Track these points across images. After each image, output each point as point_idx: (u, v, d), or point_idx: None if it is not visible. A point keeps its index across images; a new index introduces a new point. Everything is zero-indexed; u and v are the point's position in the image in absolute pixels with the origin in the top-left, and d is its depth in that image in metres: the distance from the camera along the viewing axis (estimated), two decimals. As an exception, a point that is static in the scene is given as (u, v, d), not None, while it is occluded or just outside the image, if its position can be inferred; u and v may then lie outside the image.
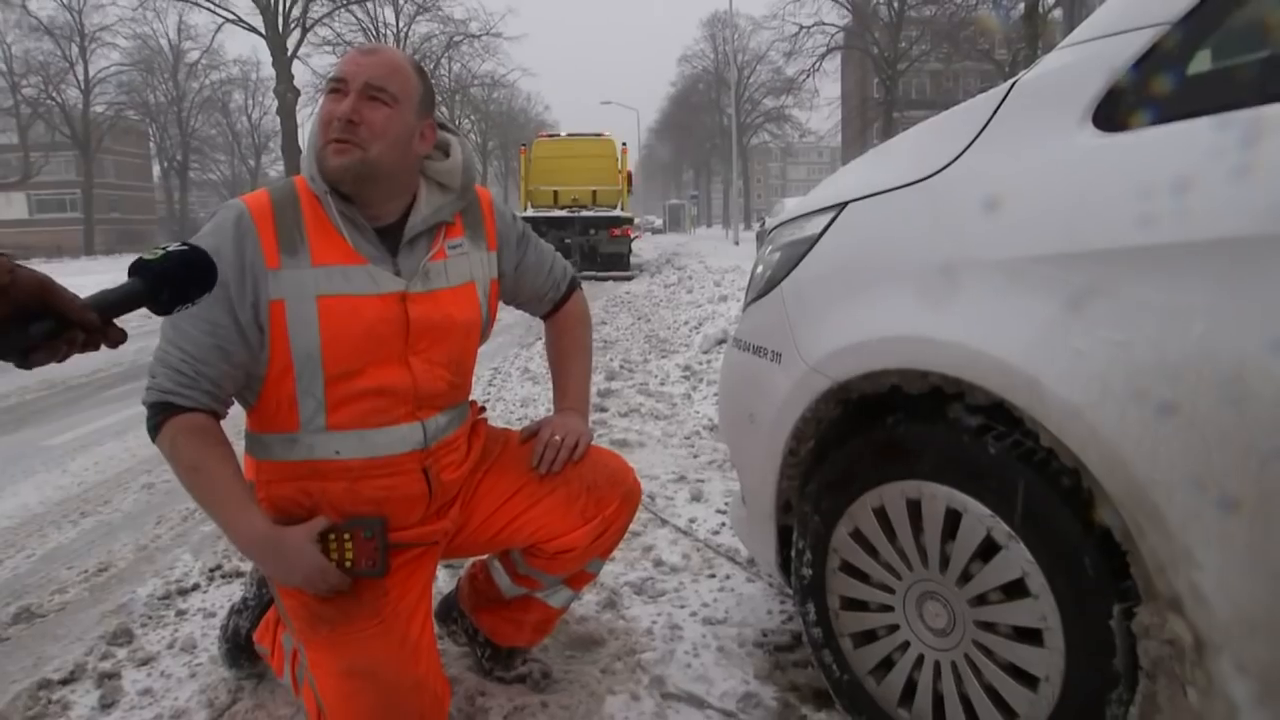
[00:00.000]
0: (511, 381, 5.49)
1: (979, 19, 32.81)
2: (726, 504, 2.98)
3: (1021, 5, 30.55)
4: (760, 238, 22.12)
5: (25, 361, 0.88)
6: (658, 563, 2.47)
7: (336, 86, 1.44)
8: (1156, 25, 1.16)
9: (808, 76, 38.37)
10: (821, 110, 46.60)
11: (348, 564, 1.46)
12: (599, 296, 11.68)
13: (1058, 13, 33.18)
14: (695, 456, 3.65)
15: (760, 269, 1.86)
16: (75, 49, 43.60)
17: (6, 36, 42.81)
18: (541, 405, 4.72)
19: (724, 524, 2.79)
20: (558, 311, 1.88)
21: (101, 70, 45.24)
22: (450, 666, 1.89)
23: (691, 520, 2.83)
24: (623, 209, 16.66)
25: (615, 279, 14.90)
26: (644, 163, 69.46)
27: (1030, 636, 1.30)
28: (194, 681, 1.93)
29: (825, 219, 1.63)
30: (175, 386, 1.41)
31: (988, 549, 1.34)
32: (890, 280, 1.45)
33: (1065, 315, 1.18)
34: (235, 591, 2.41)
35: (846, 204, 1.58)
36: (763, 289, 1.79)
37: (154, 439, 1.43)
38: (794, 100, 42.27)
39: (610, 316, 9.33)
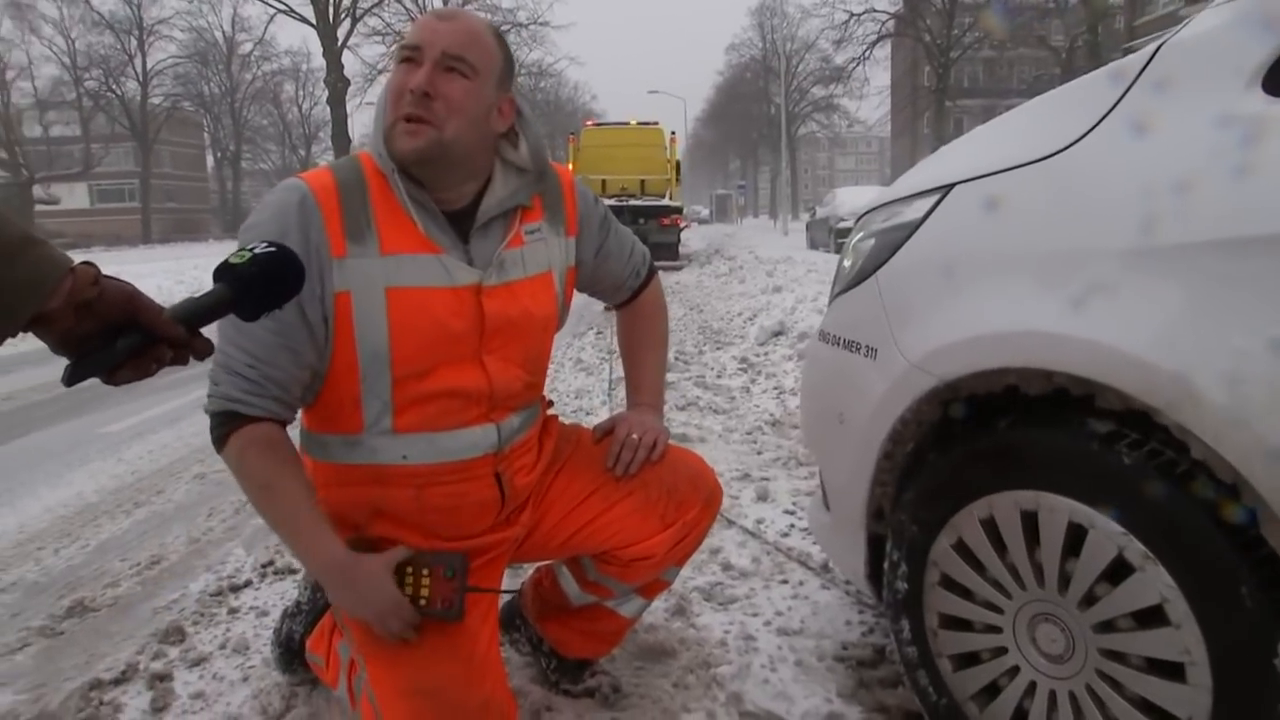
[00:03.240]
0: (564, 372, 5.40)
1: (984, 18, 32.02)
2: (794, 504, 2.85)
3: (1081, -11, 29.71)
4: (810, 227, 21.92)
5: (111, 378, 0.82)
6: (726, 566, 2.35)
7: (409, 55, 1.30)
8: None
9: (857, 65, 37.79)
10: (871, 99, 45.79)
11: (421, 601, 1.35)
12: (649, 286, 11.55)
13: (1119, -4, 32.31)
14: (759, 453, 3.52)
15: (849, 258, 1.72)
16: (134, 42, 44.71)
17: (70, 31, 43.97)
18: (595, 397, 4.63)
19: (793, 525, 2.66)
20: (634, 300, 1.75)
21: (159, 63, 46.35)
22: (514, 677, 1.79)
23: (759, 521, 2.70)
24: (671, 198, 16.51)
25: (665, 268, 14.77)
26: (691, 152, 69.06)
27: (1169, 670, 1.16)
28: (246, 686, 1.86)
29: (928, 203, 1.49)
30: (241, 394, 1.28)
31: (1118, 570, 1.20)
32: (1008, 269, 1.30)
33: (1225, 310, 1.04)
34: (287, 589, 2.35)
35: (953, 186, 1.44)
36: (853, 279, 1.65)
37: (219, 450, 1.31)
38: (843, 89, 41.68)
39: (661, 307, 9.20)
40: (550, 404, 1.67)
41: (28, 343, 0.81)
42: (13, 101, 45.26)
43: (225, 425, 1.29)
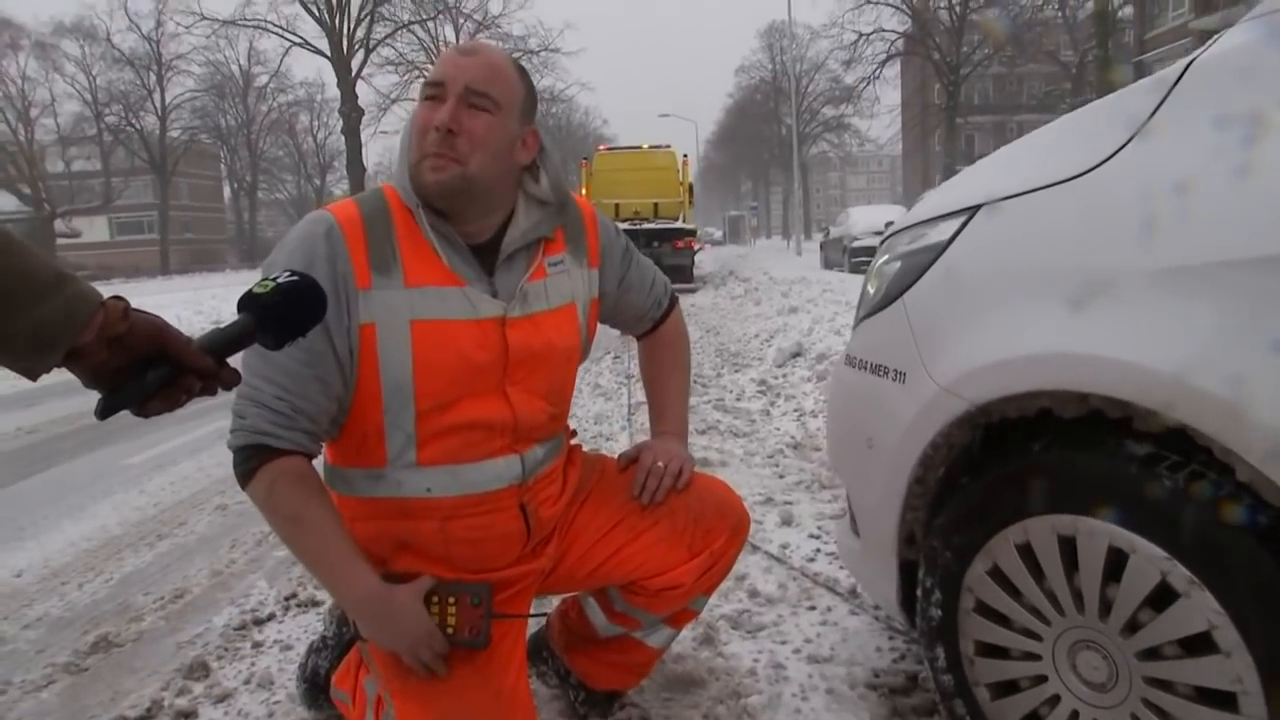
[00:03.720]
0: (582, 397, 5.38)
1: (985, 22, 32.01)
2: (819, 528, 2.82)
3: (1089, 4, 29.72)
4: (824, 247, 21.90)
5: (142, 410, 0.84)
6: (753, 593, 2.32)
7: (434, 93, 1.31)
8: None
9: (867, 84, 37.82)
10: (881, 118, 45.81)
11: (449, 630, 1.34)
12: (664, 309, 11.54)
13: (1128, 10, 32.32)
14: (781, 477, 3.49)
15: (874, 282, 1.70)
16: (153, 78, 45.35)
17: (92, 69, 44.76)
18: (615, 422, 4.61)
19: (819, 550, 2.63)
20: (656, 329, 1.74)
21: (177, 97, 46.99)
22: (542, 710, 1.77)
23: (784, 546, 2.67)
24: (685, 221, 16.56)
25: (680, 291, 14.70)
26: (703, 174, 69.34)
27: (1220, 700, 1.13)
28: (273, 722, 1.84)
29: (954, 225, 1.47)
30: (270, 426, 1.27)
31: (1162, 595, 1.17)
32: (1039, 291, 1.28)
33: (1266, 328, 1.01)
34: (311, 622, 2.33)
35: (979, 207, 1.43)
36: (879, 303, 1.63)
37: (245, 484, 1.30)
38: (853, 109, 41.71)
39: (677, 330, 9.18)
40: (574, 434, 1.66)
41: (51, 375, 0.81)
42: (36, 138, 46.05)
43: (253, 459, 1.28)
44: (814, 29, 43.68)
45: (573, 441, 1.65)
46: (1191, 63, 1.18)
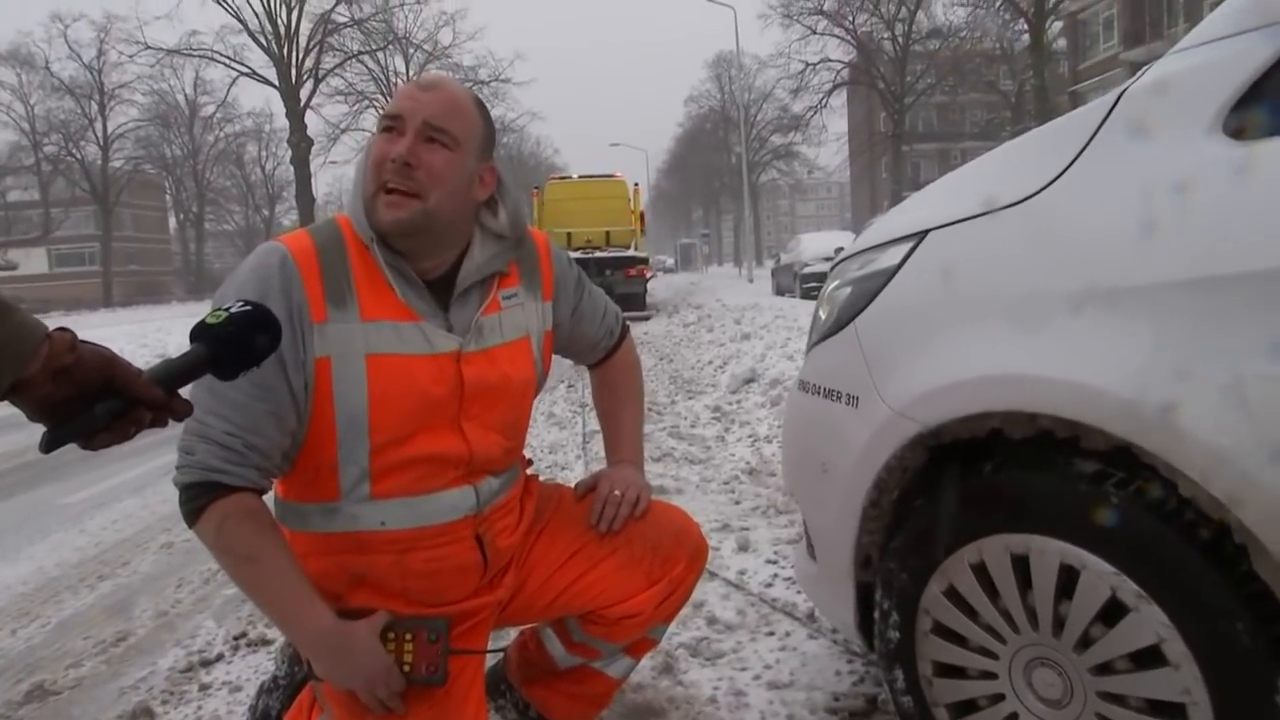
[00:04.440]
0: (537, 427, 5.34)
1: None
2: (776, 553, 2.83)
3: (1026, 36, 30.71)
4: (775, 274, 22.14)
5: (90, 444, 0.81)
6: (711, 620, 2.31)
7: (391, 125, 1.29)
8: (1300, 20, 1.03)
9: (815, 113, 38.45)
10: (829, 146, 46.44)
11: (405, 668, 1.31)
12: (617, 337, 11.55)
13: (1062, 42, 33.48)
14: (737, 503, 3.50)
15: (825, 308, 1.73)
16: (95, 107, 44.47)
17: (30, 97, 43.78)
18: (570, 451, 4.59)
19: (776, 575, 2.63)
20: (609, 359, 1.73)
21: (120, 126, 46.09)
22: (501, 745, 1.74)
23: (741, 572, 2.67)
24: (637, 249, 16.64)
25: (632, 319, 14.74)
26: (654, 202, 69.83)
27: (1170, 712, 1.15)
28: (222, 766, 1.78)
29: (903, 250, 1.50)
30: (221, 463, 1.23)
31: (1112, 610, 1.19)
32: (986, 313, 1.31)
33: (1205, 348, 1.05)
34: (261, 662, 2.27)
35: (927, 233, 1.46)
36: (831, 328, 1.65)
37: (193, 523, 1.25)
38: (802, 137, 42.35)
39: (631, 357, 9.17)
40: (529, 463, 1.65)
41: None
42: (-31, 168, 44.87)
43: (200, 497, 1.24)
44: (761, 59, 44.20)
45: (529, 471, 1.64)
46: (1124, 91, 1.22)
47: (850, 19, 36.39)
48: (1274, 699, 1.05)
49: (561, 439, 4.93)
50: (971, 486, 1.37)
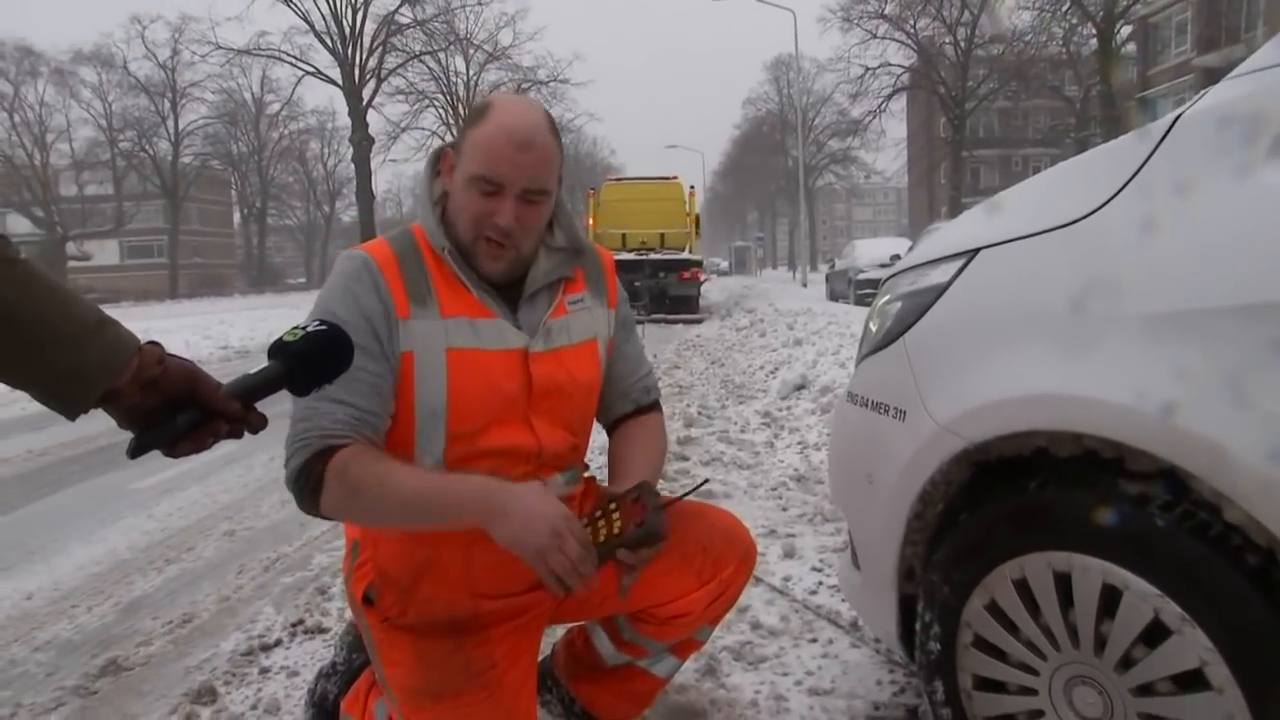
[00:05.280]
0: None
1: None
2: (822, 561, 2.84)
3: (1093, 41, 30.00)
4: (830, 279, 21.97)
5: (172, 451, 0.88)
6: (755, 625, 2.34)
7: (493, 190, 1.35)
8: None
9: (873, 118, 38.04)
10: (888, 151, 45.98)
11: (616, 531, 1.32)
12: (670, 340, 11.62)
13: (1131, 46, 32.60)
14: (784, 509, 3.52)
15: (875, 321, 1.75)
16: (168, 105, 45.99)
17: (108, 95, 45.39)
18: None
19: (821, 583, 2.65)
20: (638, 415, 1.66)
21: (190, 123, 47.68)
22: (546, 739, 1.79)
23: (786, 579, 2.69)
24: (691, 251, 16.64)
25: (685, 322, 14.82)
26: (709, 204, 69.71)
27: (1212, 736, 1.15)
28: (279, 746, 1.86)
29: (954, 267, 1.51)
30: (336, 427, 1.28)
31: (1155, 632, 1.20)
32: (1035, 333, 1.32)
33: (1252, 374, 1.05)
34: (318, 649, 2.36)
35: (979, 250, 1.47)
36: (880, 341, 1.67)
37: (316, 500, 1.28)
38: (860, 142, 41.98)
39: (683, 361, 9.21)
40: (586, 467, 1.70)
41: None
42: (51, 163, 46.62)
43: (317, 465, 1.27)
44: (820, 63, 43.66)
45: (586, 475, 1.69)
46: (1179, 117, 1.23)
47: (911, 23, 35.96)
48: (1318, 727, 1.05)
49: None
50: (1015, 503, 1.38)
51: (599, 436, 1.71)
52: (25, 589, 3.10)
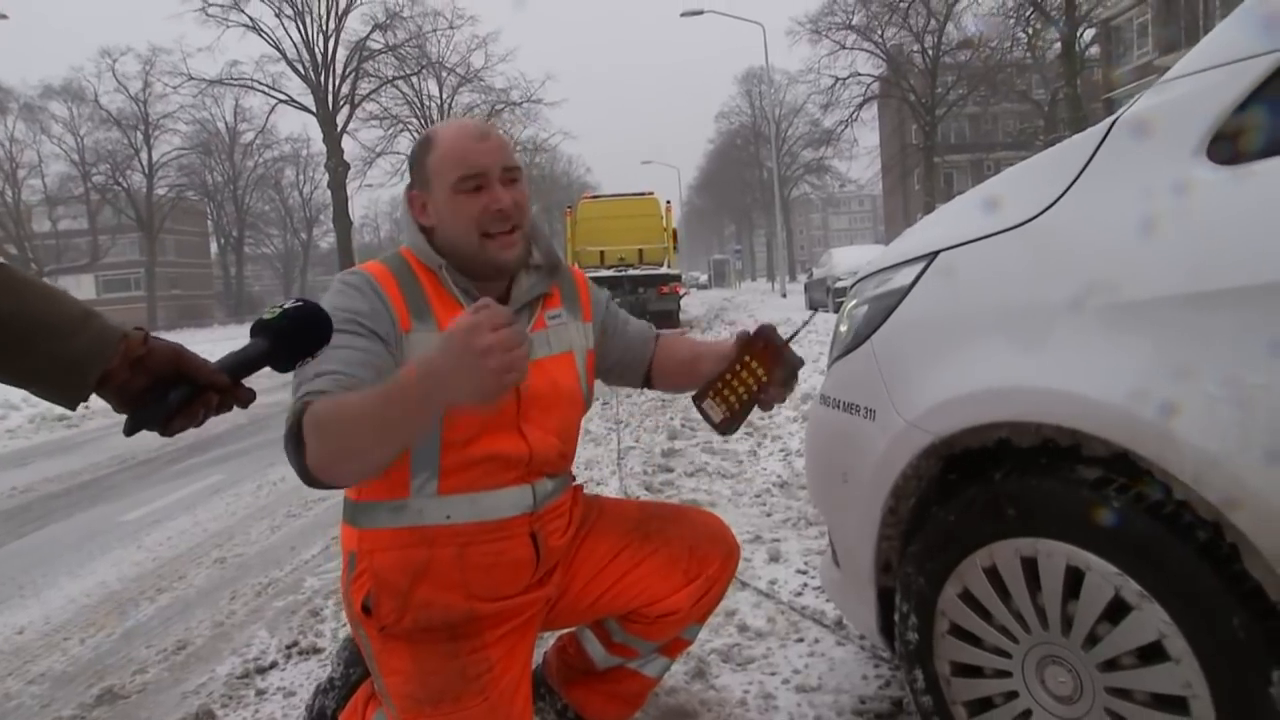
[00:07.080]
0: (572, 442, 5.43)
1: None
2: (806, 564, 2.90)
3: (1058, 45, 30.45)
4: (808, 288, 22.11)
5: (166, 429, 0.94)
6: (743, 628, 2.39)
7: (476, 184, 1.45)
8: (1274, 52, 1.11)
9: (846, 127, 38.32)
10: (861, 159, 46.42)
11: (762, 380, 1.48)
12: (650, 353, 11.63)
13: (1095, 49, 33.12)
14: (768, 515, 3.57)
15: (844, 325, 1.81)
16: (140, 137, 45.65)
17: (80, 129, 45.12)
18: (605, 467, 4.68)
19: (806, 585, 2.70)
20: (658, 342, 1.78)
21: (164, 155, 47.23)
22: (541, 745, 1.83)
23: (772, 582, 2.75)
24: (669, 266, 16.72)
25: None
26: (686, 218, 70.08)
27: (1174, 705, 1.21)
28: (279, 765, 1.89)
29: (915, 270, 1.58)
30: (316, 384, 1.25)
31: (1116, 609, 1.26)
32: (994, 329, 1.39)
33: (1194, 359, 1.12)
34: (313, 669, 2.39)
35: (938, 253, 1.54)
36: (849, 344, 1.74)
37: (300, 455, 1.22)
38: (833, 151, 42.22)
39: (664, 373, 9.24)
40: (573, 477, 1.76)
41: (41, 434, 0.91)
42: (23, 199, 46.22)
43: (298, 424, 1.23)
44: (791, 74, 44.02)
45: (574, 483, 1.75)
46: (1116, 119, 1.30)
47: (879, 33, 36.33)
48: (1269, 690, 1.11)
49: (597, 455, 5.02)
50: (983, 493, 1.44)
51: (584, 451, 1.77)
52: (16, 624, 3.11)
